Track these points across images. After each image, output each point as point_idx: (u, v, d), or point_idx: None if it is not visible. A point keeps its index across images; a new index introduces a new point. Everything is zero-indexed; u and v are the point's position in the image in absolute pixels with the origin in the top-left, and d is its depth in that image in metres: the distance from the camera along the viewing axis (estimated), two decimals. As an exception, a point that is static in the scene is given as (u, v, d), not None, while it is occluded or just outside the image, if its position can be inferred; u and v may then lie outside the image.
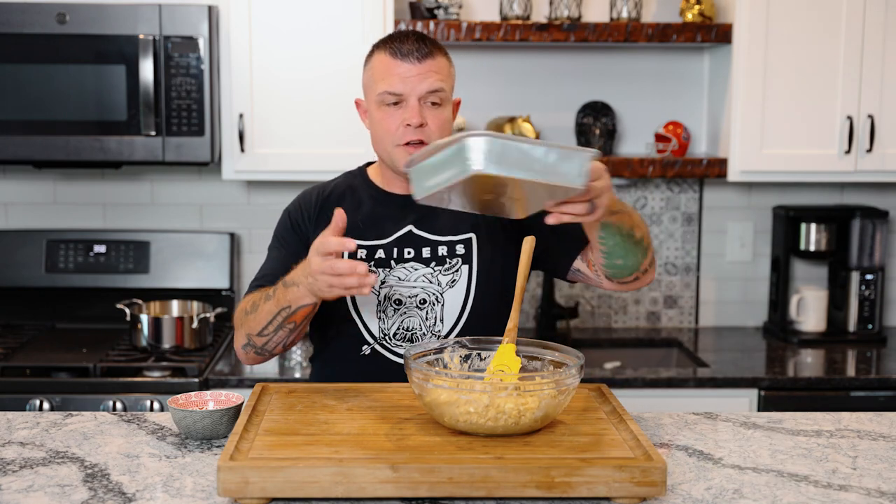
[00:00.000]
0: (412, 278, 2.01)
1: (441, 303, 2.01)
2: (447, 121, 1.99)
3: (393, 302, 2.01)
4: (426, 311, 2.01)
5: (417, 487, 1.49)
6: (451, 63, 2.04)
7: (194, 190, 3.46)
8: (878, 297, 3.40)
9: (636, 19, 3.22)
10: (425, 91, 1.95)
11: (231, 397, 1.87)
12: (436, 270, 2.02)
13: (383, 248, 2.03)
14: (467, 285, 2.02)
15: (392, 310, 2.01)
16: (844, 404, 2.93)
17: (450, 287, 2.01)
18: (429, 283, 2.01)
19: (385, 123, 1.97)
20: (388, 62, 1.96)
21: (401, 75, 1.95)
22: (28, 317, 3.39)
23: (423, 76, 1.94)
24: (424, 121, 1.95)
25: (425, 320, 2.01)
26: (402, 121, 1.95)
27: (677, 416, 1.97)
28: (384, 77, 1.96)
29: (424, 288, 2.01)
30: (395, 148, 1.98)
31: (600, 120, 3.40)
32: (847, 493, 1.59)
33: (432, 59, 1.96)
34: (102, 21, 2.97)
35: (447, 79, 1.99)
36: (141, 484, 1.60)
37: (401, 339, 2.01)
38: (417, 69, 1.94)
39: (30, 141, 3.02)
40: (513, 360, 1.77)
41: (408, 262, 2.02)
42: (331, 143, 3.08)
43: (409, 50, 1.95)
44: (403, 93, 1.95)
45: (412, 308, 2.01)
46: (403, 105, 1.96)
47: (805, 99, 3.15)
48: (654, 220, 3.53)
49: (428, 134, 1.96)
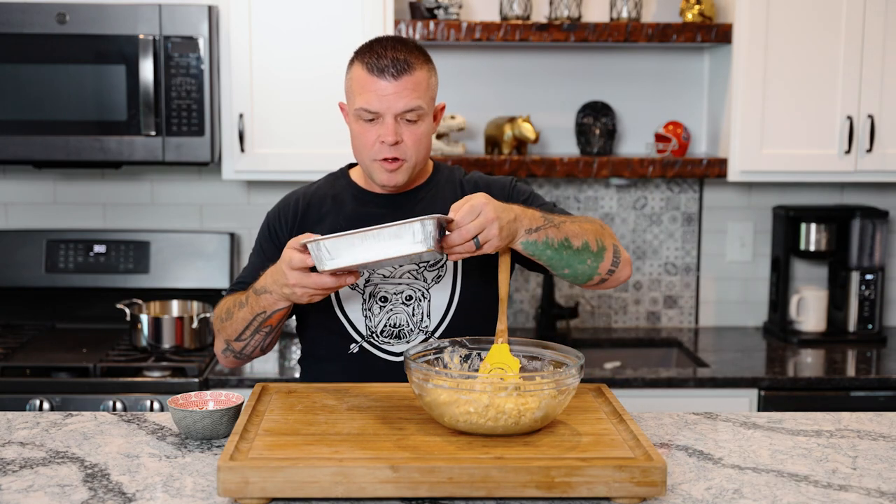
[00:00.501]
0: (397, 275, 2.03)
1: (427, 299, 2.03)
2: (424, 135, 1.99)
3: (378, 299, 2.02)
4: (412, 308, 2.02)
5: (417, 487, 1.49)
6: (433, 71, 2.02)
7: (194, 190, 3.46)
8: (878, 297, 3.40)
9: (636, 19, 3.23)
10: (401, 110, 1.95)
11: (231, 397, 1.87)
12: (420, 266, 2.03)
13: None
14: (453, 280, 2.03)
15: (378, 307, 2.03)
16: (844, 404, 2.93)
17: (435, 283, 2.03)
18: (414, 280, 2.03)
19: (362, 138, 1.99)
20: (365, 78, 1.96)
21: (377, 93, 1.94)
22: (28, 317, 3.39)
23: (399, 94, 1.94)
24: (400, 138, 1.96)
25: (412, 316, 2.02)
26: (378, 137, 1.96)
27: (677, 416, 1.97)
28: (361, 93, 1.97)
29: (410, 284, 2.02)
30: (371, 162, 2.00)
31: (600, 120, 3.41)
32: (847, 493, 1.59)
33: (409, 74, 1.94)
34: (102, 21, 2.97)
35: (425, 93, 1.98)
36: (141, 484, 1.60)
37: (388, 336, 2.02)
38: (394, 87, 1.93)
39: (30, 141, 3.02)
40: (510, 359, 1.77)
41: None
42: (331, 143, 3.08)
43: (385, 66, 1.93)
44: (379, 111, 1.95)
45: (398, 304, 2.02)
46: (380, 122, 1.96)
47: (805, 99, 3.15)
48: (654, 220, 3.53)
49: (404, 150, 1.97)
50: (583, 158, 3.23)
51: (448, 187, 2.10)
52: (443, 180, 2.12)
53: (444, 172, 2.14)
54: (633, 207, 3.52)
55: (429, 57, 2.02)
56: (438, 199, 2.08)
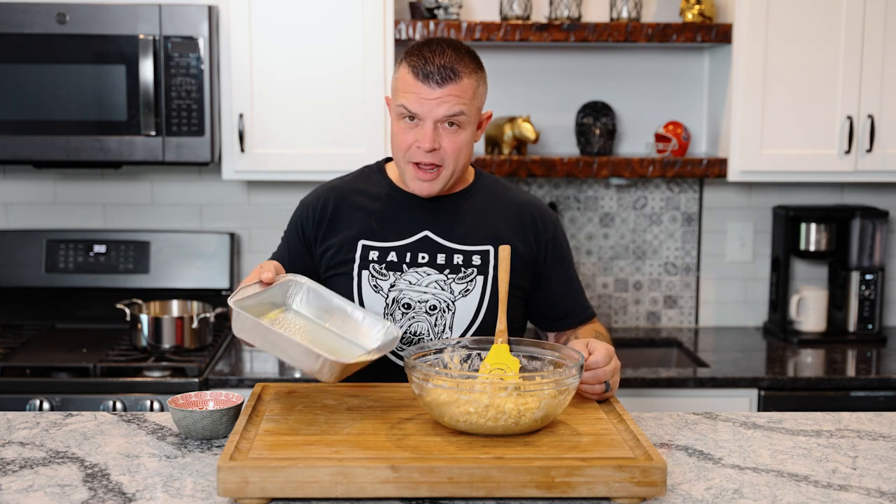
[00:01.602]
0: (423, 283, 2.00)
1: (452, 311, 2.00)
2: (465, 144, 1.96)
3: (402, 305, 2.00)
4: (436, 318, 2.00)
5: (417, 487, 1.49)
6: (482, 79, 1.98)
7: (194, 190, 3.46)
8: (878, 297, 3.40)
9: (636, 19, 3.23)
10: (442, 116, 1.91)
11: (231, 397, 1.87)
12: (449, 278, 2.00)
13: (396, 251, 2.02)
14: (481, 296, 2.01)
15: (400, 313, 2.00)
16: (844, 404, 2.93)
17: (462, 296, 2.00)
18: (440, 290, 2.00)
19: (400, 137, 1.96)
20: (410, 81, 1.92)
21: (419, 96, 1.91)
22: (28, 317, 3.39)
23: (442, 100, 1.90)
24: (438, 145, 1.93)
25: (434, 326, 2.00)
26: (416, 140, 1.94)
27: (677, 416, 1.97)
28: (404, 93, 1.94)
29: (436, 294, 2.00)
30: (406, 164, 1.98)
31: (600, 120, 3.40)
32: (847, 493, 1.59)
33: (455, 83, 1.91)
34: (102, 21, 2.97)
35: (470, 101, 1.94)
36: (141, 484, 1.60)
37: (406, 342, 2.00)
38: (437, 93, 1.90)
39: (30, 141, 3.02)
40: (510, 359, 1.77)
41: (421, 267, 2.01)
42: (331, 143, 3.08)
43: (431, 72, 1.90)
44: (419, 114, 1.92)
45: (421, 313, 2.00)
46: (420, 125, 1.93)
47: (805, 99, 3.15)
48: (654, 220, 3.53)
49: (441, 157, 1.94)
50: (583, 158, 3.23)
51: (488, 201, 2.07)
52: (483, 190, 2.08)
53: (485, 181, 2.11)
54: (633, 207, 3.52)
55: (480, 64, 1.98)
56: (474, 210, 2.05)
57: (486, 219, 2.05)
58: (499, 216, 2.05)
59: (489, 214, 2.05)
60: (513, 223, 2.05)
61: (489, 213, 2.05)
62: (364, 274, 2.02)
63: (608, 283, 3.55)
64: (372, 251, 2.02)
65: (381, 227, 2.03)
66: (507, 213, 2.07)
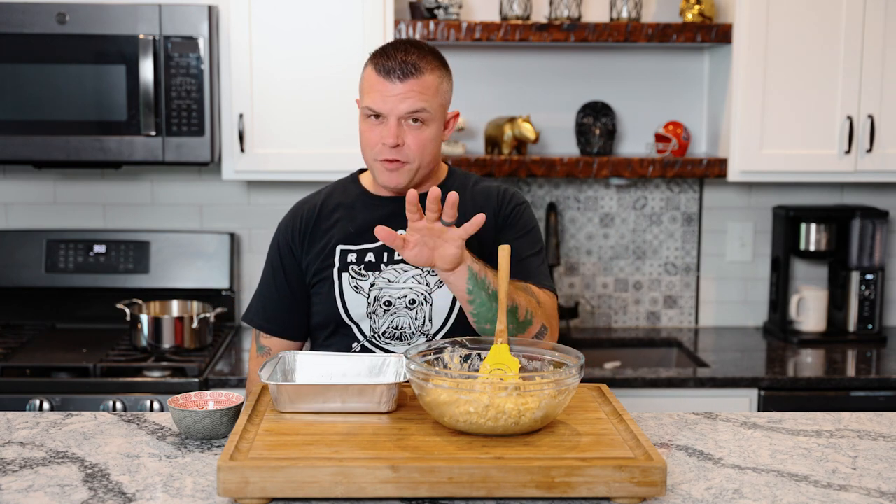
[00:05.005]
0: (402, 280, 2.04)
1: (430, 303, 2.04)
2: (429, 140, 2.00)
3: (382, 304, 2.04)
4: (415, 311, 2.04)
5: (417, 487, 1.49)
6: (445, 77, 2.03)
7: (194, 190, 3.46)
8: (878, 297, 3.40)
9: (636, 19, 3.23)
10: (404, 112, 1.96)
11: (231, 397, 1.87)
12: (425, 271, 2.04)
13: (373, 252, 2.07)
14: None
15: (382, 310, 2.05)
16: (844, 404, 2.93)
17: (438, 287, 2.04)
18: (417, 284, 2.04)
19: (366, 136, 2.02)
20: (373, 78, 1.98)
21: (382, 93, 1.96)
22: (28, 317, 3.39)
23: (404, 96, 1.95)
24: (402, 141, 1.97)
25: (414, 320, 2.04)
26: (381, 138, 1.98)
27: (677, 416, 1.97)
28: (368, 92, 2.00)
29: (413, 288, 2.04)
30: (374, 161, 2.03)
31: (600, 120, 3.40)
32: (847, 493, 1.59)
33: (416, 77, 1.96)
34: (102, 21, 2.97)
35: (433, 97, 1.98)
36: (141, 484, 1.60)
37: (390, 336, 2.05)
38: (399, 89, 1.95)
39: (30, 141, 3.02)
40: (510, 359, 1.76)
41: (398, 264, 2.06)
42: (331, 143, 3.08)
43: (393, 68, 1.95)
44: (383, 111, 1.97)
45: (402, 308, 2.04)
46: (384, 122, 1.98)
47: (805, 99, 3.15)
48: (654, 220, 3.53)
49: (405, 153, 1.99)
50: (583, 158, 3.23)
51: (459, 193, 2.10)
52: (455, 186, 2.11)
53: (457, 178, 2.15)
54: (633, 207, 3.52)
55: (443, 62, 2.02)
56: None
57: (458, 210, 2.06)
58: (468, 205, 2.07)
59: (460, 206, 2.05)
60: (480, 208, 2.07)
61: (460, 204, 2.06)
62: (344, 276, 2.07)
63: (608, 283, 3.55)
64: (350, 254, 2.07)
65: (360, 231, 2.07)
66: (477, 200, 2.10)
